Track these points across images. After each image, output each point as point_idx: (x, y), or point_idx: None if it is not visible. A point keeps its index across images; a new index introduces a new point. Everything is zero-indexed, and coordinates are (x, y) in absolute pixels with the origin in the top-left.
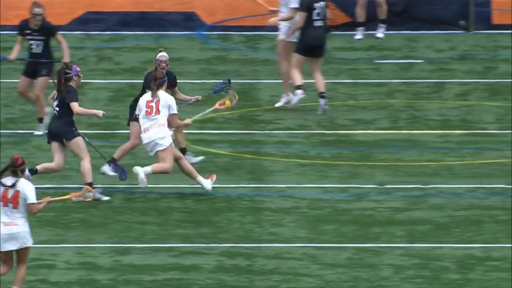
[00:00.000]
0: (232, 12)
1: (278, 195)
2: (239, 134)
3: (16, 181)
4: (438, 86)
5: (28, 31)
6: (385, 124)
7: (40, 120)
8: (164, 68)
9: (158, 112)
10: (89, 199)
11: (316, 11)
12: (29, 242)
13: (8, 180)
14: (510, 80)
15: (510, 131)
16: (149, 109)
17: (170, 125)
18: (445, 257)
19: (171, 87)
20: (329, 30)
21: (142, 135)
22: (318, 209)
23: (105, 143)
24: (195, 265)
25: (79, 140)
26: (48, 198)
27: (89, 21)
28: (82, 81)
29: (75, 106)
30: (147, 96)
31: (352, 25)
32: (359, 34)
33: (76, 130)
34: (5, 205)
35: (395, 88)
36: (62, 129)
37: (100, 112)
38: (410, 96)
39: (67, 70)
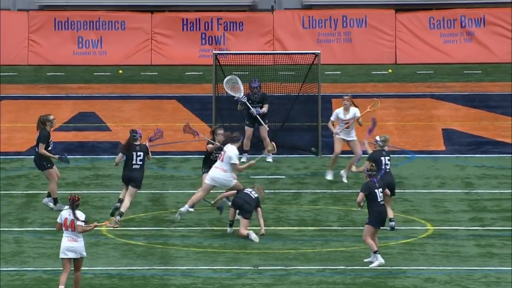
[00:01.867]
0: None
1: (180, 274)
2: (152, 230)
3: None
4: (296, 195)
5: None
6: None
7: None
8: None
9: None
10: (117, 226)
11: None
12: (84, 253)
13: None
14: (349, 190)
15: (348, 228)
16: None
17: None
18: None
19: None
20: None
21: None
22: (209, 284)
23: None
24: None
25: None
26: (95, 224)
27: None
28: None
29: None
30: None
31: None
32: (244, 158)
33: None
34: (66, 229)
35: (265, 196)
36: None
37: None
38: (276, 202)
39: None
